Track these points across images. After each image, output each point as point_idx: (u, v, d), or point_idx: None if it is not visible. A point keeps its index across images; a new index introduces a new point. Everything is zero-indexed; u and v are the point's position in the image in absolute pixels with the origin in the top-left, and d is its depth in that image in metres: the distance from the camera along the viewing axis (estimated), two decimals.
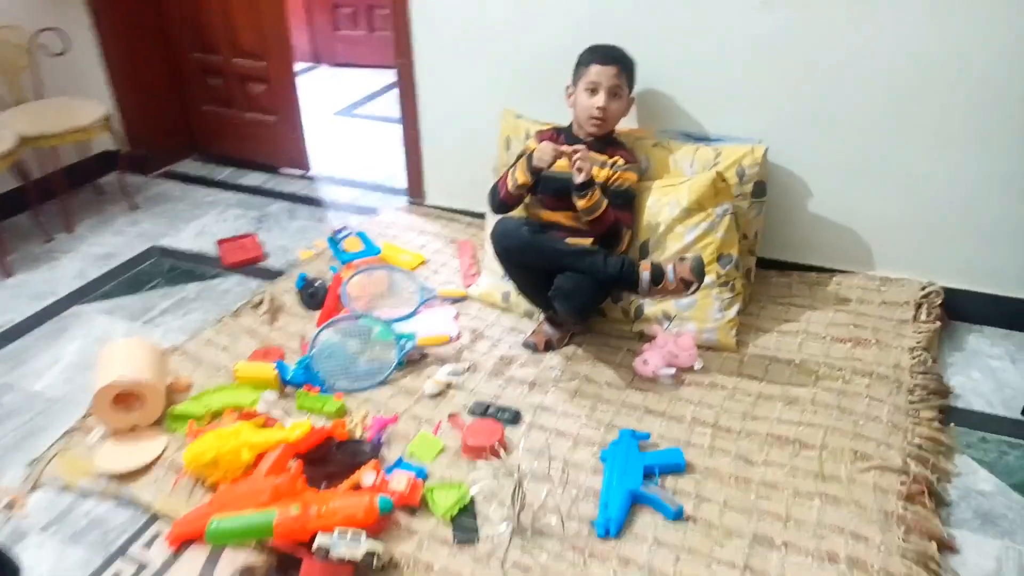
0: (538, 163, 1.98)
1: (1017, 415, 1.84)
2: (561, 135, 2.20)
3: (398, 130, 2.87)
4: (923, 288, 2.20)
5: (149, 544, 1.62)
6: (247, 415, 1.87)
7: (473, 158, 2.71)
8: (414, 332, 2.12)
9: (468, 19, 2.51)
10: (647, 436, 1.78)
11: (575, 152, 1.93)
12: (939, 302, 2.16)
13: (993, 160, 2.04)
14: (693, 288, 1.89)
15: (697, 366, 1.99)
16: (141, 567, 1.56)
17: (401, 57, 2.69)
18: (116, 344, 1.98)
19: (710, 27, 2.18)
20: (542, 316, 2.21)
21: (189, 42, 3.39)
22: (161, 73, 3.43)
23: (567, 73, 2.27)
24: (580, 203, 1.98)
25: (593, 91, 2.05)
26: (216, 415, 1.90)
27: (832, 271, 2.33)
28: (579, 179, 1.94)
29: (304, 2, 5.07)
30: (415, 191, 2.95)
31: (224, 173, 3.48)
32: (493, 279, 2.36)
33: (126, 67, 3.28)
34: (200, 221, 3.05)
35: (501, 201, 2.13)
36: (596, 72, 2.04)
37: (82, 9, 3.13)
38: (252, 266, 2.71)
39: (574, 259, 1.95)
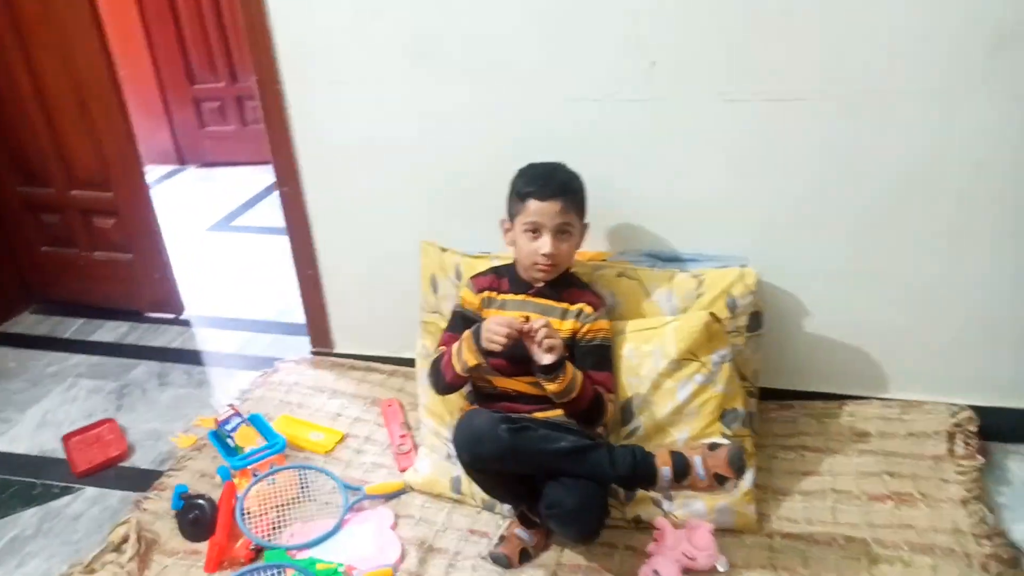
0: (489, 346, 1.51)
1: None
2: (503, 279, 1.74)
3: (287, 243, 2.33)
4: (953, 414, 1.86)
5: None
6: None
7: (386, 294, 2.22)
8: (342, 569, 1.58)
9: (367, 136, 2.04)
10: None
11: (536, 329, 1.48)
12: (974, 429, 1.83)
13: (1011, 257, 1.75)
14: (730, 485, 1.48)
15: (722, 567, 1.54)
16: None
17: (285, 184, 2.18)
18: None
19: (670, 128, 1.80)
20: (508, 509, 1.72)
21: (11, 175, 2.75)
22: None
23: (496, 191, 1.83)
24: (551, 387, 1.53)
25: (535, 233, 1.61)
26: None
27: (840, 397, 1.97)
28: (547, 360, 1.49)
29: (161, 97, 4.45)
30: (319, 339, 2.40)
31: (73, 327, 2.82)
32: (436, 459, 1.86)
33: None
34: (41, 405, 2.37)
35: (447, 385, 1.66)
36: (536, 210, 1.59)
37: None
38: (113, 468, 2.08)
39: (573, 462, 1.48)
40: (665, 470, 1.49)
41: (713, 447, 1.48)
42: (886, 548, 1.57)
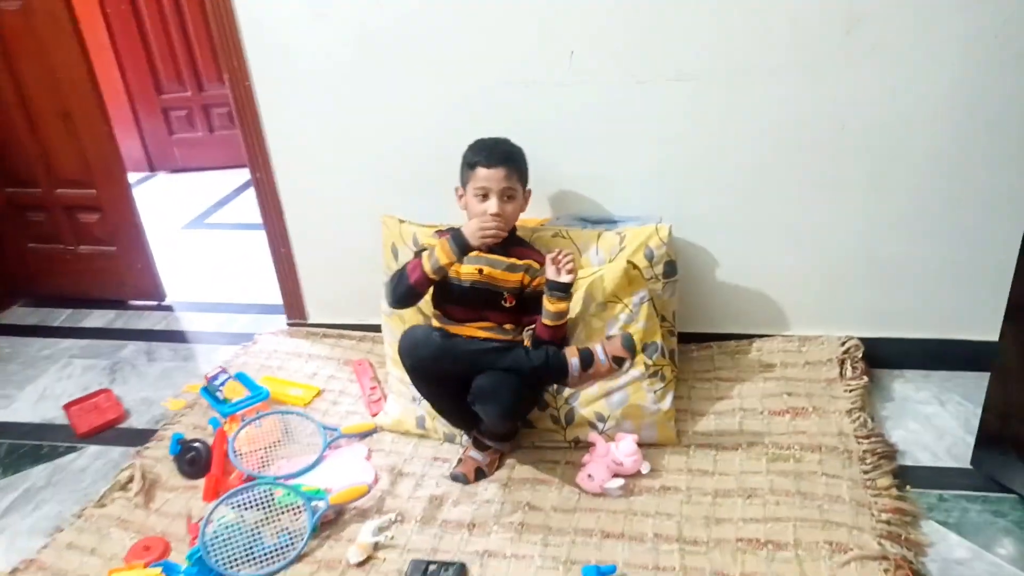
0: (481, 241, 1.84)
1: (965, 464, 1.82)
2: (462, 236, 2.02)
3: (260, 237, 2.59)
4: (842, 343, 2.18)
5: None
6: None
7: (354, 268, 2.47)
8: (324, 488, 1.84)
9: (327, 124, 2.30)
10: (613, 569, 1.59)
11: (565, 254, 1.80)
12: (860, 355, 2.15)
13: (883, 203, 2.07)
14: (627, 365, 1.80)
15: (644, 470, 1.84)
16: None
17: (258, 170, 2.43)
18: None
19: (591, 104, 2.10)
20: (466, 439, 2.00)
21: None
22: None
23: (446, 169, 2.11)
24: (560, 306, 1.82)
25: (484, 196, 1.88)
26: None
27: (750, 336, 2.28)
28: (569, 278, 1.79)
29: (131, 108, 4.65)
30: (294, 311, 2.66)
31: (61, 317, 3.03)
32: (402, 403, 2.12)
33: None
34: (38, 383, 2.59)
35: (409, 287, 1.88)
36: (484, 176, 1.87)
37: None
38: (112, 430, 2.30)
39: (495, 356, 1.78)
40: (574, 360, 1.78)
41: (609, 337, 1.80)
42: (782, 449, 1.87)
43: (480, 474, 1.91)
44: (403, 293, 1.92)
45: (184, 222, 3.95)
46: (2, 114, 2.83)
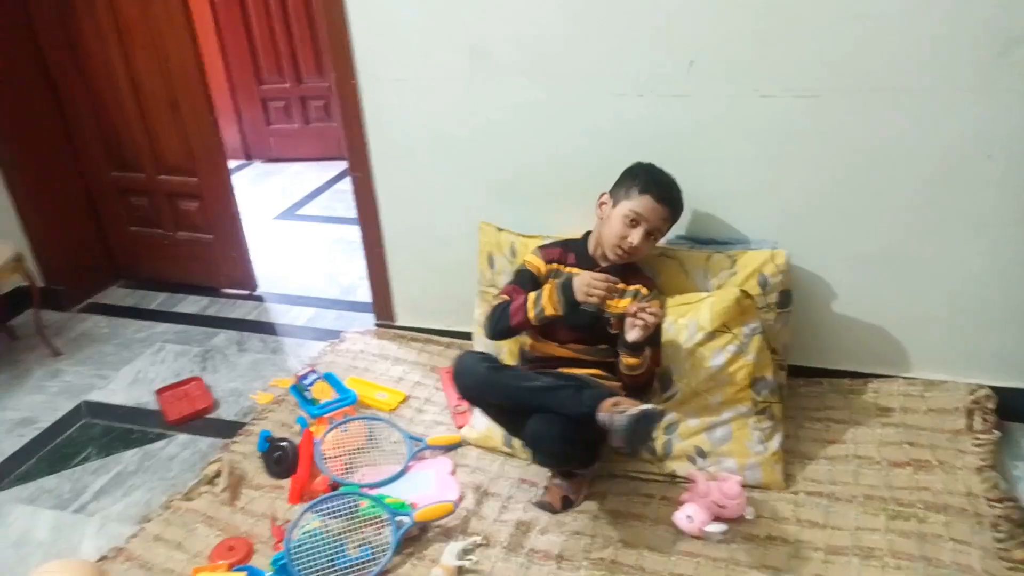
0: (585, 299, 1.69)
1: None
2: (571, 253, 1.93)
3: (348, 231, 2.58)
4: (971, 392, 1.99)
5: None
6: None
7: (447, 273, 2.43)
8: (409, 503, 1.79)
9: (431, 129, 2.25)
10: None
11: (641, 307, 1.66)
12: (992, 406, 1.96)
13: None
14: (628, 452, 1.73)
15: (748, 515, 1.71)
16: None
17: (357, 170, 2.40)
18: (47, 570, 1.57)
19: (708, 117, 1.97)
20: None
21: (105, 161, 3.04)
22: (75, 197, 3.06)
23: (549, 179, 2.04)
24: (631, 361, 1.73)
25: (633, 223, 1.79)
26: None
27: (866, 376, 2.11)
28: (636, 336, 1.67)
29: (232, 97, 4.76)
30: (383, 312, 2.63)
31: (157, 300, 3.10)
32: (489, 418, 2.06)
33: (34, 194, 2.90)
34: (133, 365, 2.64)
35: (509, 328, 1.83)
36: (646, 206, 1.79)
37: None
38: (201, 419, 2.32)
39: (542, 397, 1.67)
40: (602, 417, 1.59)
41: (623, 412, 1.55)
42: (903, 506, 1.71)
43: (567, 503, 1.82)
44: (503, 331, 1.87)
45: (276, 212, 4.00)
46: (115, 101, 2.91)
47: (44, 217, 2.94)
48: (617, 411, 1.55)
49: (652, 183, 1.82)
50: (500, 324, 1.86)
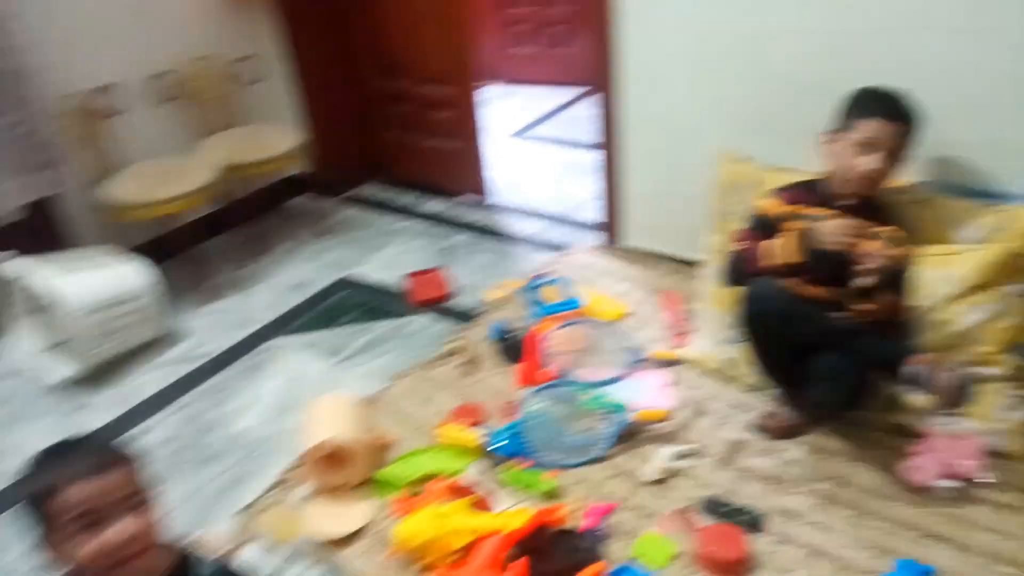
0: (832, 247, 1.64)
1: None
2: (812, 193, 1.85)
3: (578, 155, 2.66)
4: None
5: None
6: (454, 488, 1.73)
7: (682, 199, 2.45)
8: (626, 404, 1.90)
9: (684, 45, 2.26)
10: (932, 571, 1.46)
11: (878, 253, 1.59)
12: None
13: None
14: (948, 408, 1.56)
15: (983, 479, 1.64)
16: None
17: (605, 86, 2.48)
18: (325, 402, 1.89)
19: (988, 58, 1.81)
20: (777, 393, 1.93)
21: (375, 68, 3.37)
22: (348, 101, 3.43)
23: (798, 113, 1.97)
24: (863, 307, 1.68)
25: (867, 149, 1.68)
26: (422, 481, 1.77)
27: None
28: (868, 282, 1.61)
29: (477, 19, 5.00)
30: (612, 230, 2.74)
31: (406, 199, 3.43)
32: (712, 341, 2.11)
33: (315, 93, 3.29)
34: (386, 251, 2.99)
35: (748, 276, 1.80)
36: (876, 128, 1.66)
37: (274, 38, 3.15)
38: (440, 305, 2.59)
39: (846, 338, 1.65)
40: (913, 369, 1.56)
41: (951, 371, 1.53)
42: None
43: (787, 433, 1.84)
44: (740, 279, 1.84)
45: (511, 131, 4.22)
46: (388, 16, 3.20)
47: (323, 117, 3.33)
48: (939, 368, 1.54)
49: (875, 103, 1.69)
50: (736, 271, 1.85)
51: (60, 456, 1.09)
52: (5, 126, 2.17)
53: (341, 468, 1.77)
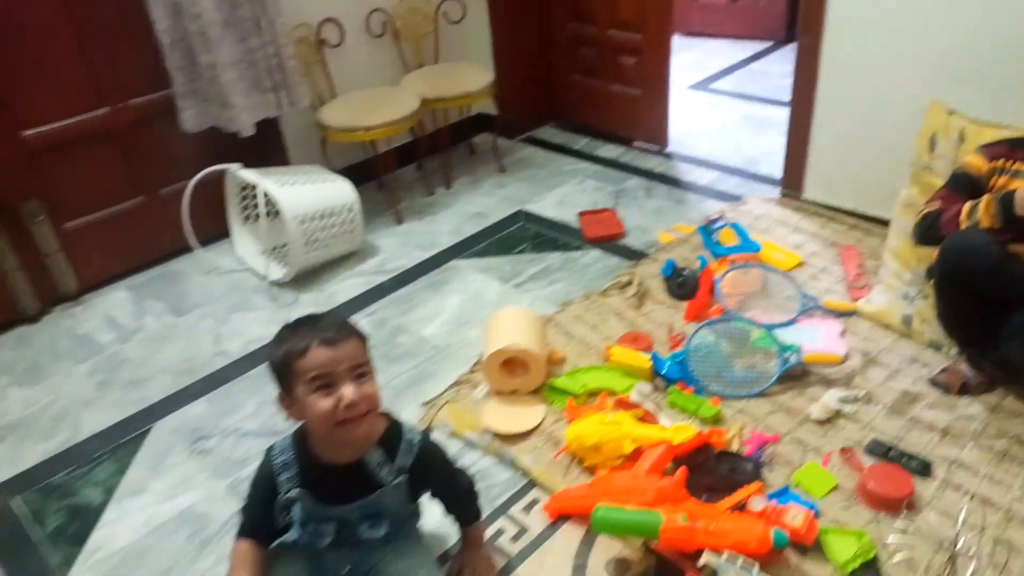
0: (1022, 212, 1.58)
1: None
2: (1019, 151, 1.76)
3: (758, 109, 2.64)
4: None
5: (528, 509, 1.66)
6: (621, 402, 1.85)
7: (872, 152, 2.39)
8: (798, 345, 1.93)
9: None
10: None
11: None
12: None
13: None
14: None
15: None
16: (522, 530, 1.61)
17: (806, 34, 2.44)
18: (507, 311, 2.07)
19: None
20: (955, 352, 1.89)
21: (567, 12, 3.45)
22: (536, 41, 3.54)
23: (1013, 64, 1.86)
24: None
25: None
26: (591, 395, 1.91)
27: None
28: None
29: None
30: (792, 181, 2.70)
31: (581, 143, 3.53)
32: (891, 296, 2.07)
33: (507, 35, 3.43)
34: (560, 190, 3.12)
35: (940, 239, 1.75)
36: None
37: None
38: (612, 242, 2.70)
39: None
40: None
41: None
42: None
43: (965, 389, 1.80)
44: (933, 240, 1.79)
45: (691, 82, 4.18)
46: None
47: (510, 58, 3.48)
48: None
49: None
50: (930, 233, 1.80)
51: (305, 326, 1.29)
52: (252, 48, 2.49)
53: (517, 374, 1.94)
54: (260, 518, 1.39)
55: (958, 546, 1.43)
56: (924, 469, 1.61)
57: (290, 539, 1.37)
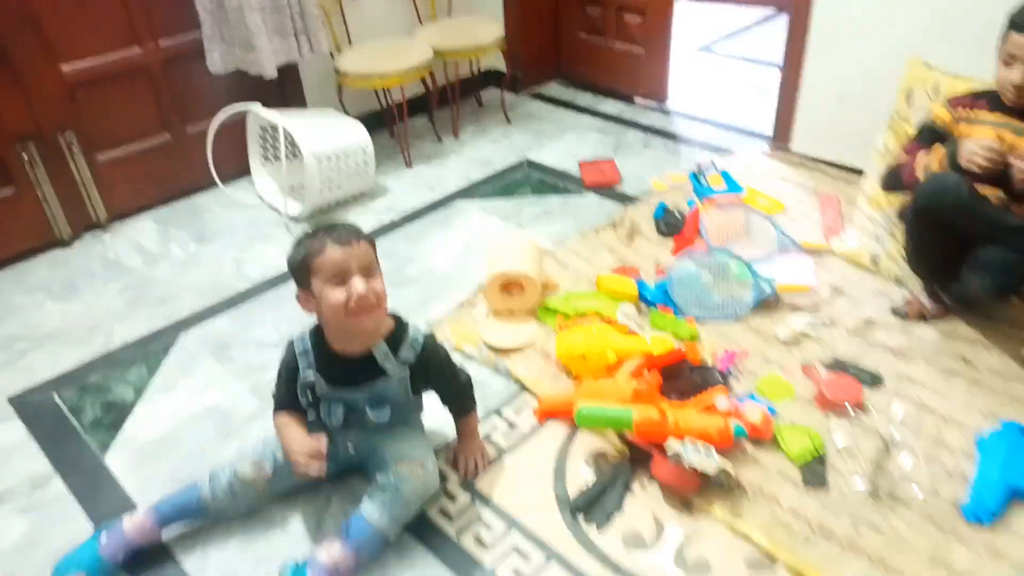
0: (968, 166, 1.73)
1: None
2: (981, 100, 1.91)
3: (758, 72, 2.78)
4: None
5: (519, 411, 1.85)
6: (608, 322, 2.03)
7: (857, 106, 2.54)
8: (773, 276, 2.10)
9: None
10: None
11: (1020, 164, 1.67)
12: None
13: None
14: None
15: None
16: (512, 427, 1.80)
17: None
18: (508, 238, 2.25)
19: None
20: (918, 286, 2.05)
21: None
22: (544, 1, 3.67)
23: (983, 23, 2.00)
24: (1021, 210, 1.76)
25: (1012, 61, 1.74)
26: (580, 316, 2.09)
27: None
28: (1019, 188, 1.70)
29: None
30: (780, 135, 2.86)
31: (585, 99, 3.68)
32: (863, 237, 2.24)
33: None
34: (562, 141, 3.28)
35: (902, 188, 1.94)
36: (1014, 43, 1.72)
37: None
38: (609, 189, 2.86)
39: (1014, 234, 1.73)
40: None
41: None
42: None
43: (922, 318, 1.98)
44: (895, 188, 1.99)
45: (697, 44, 4.31)
46: None
47: (520, 14, 3.61)
48: None
49: (1016, 17, 1.72)
50: (893, 183, 1.99)
51: (321, 231, 1.46)
52: None
53: (514, 295, 2.12)
54: (287, 397, 1.58)
55: (896, 440, 1.61)
56: (875, 381, 1.80)
57: (310, 418, 1.57)
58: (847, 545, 1.44)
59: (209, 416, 1.92)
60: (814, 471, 1.59)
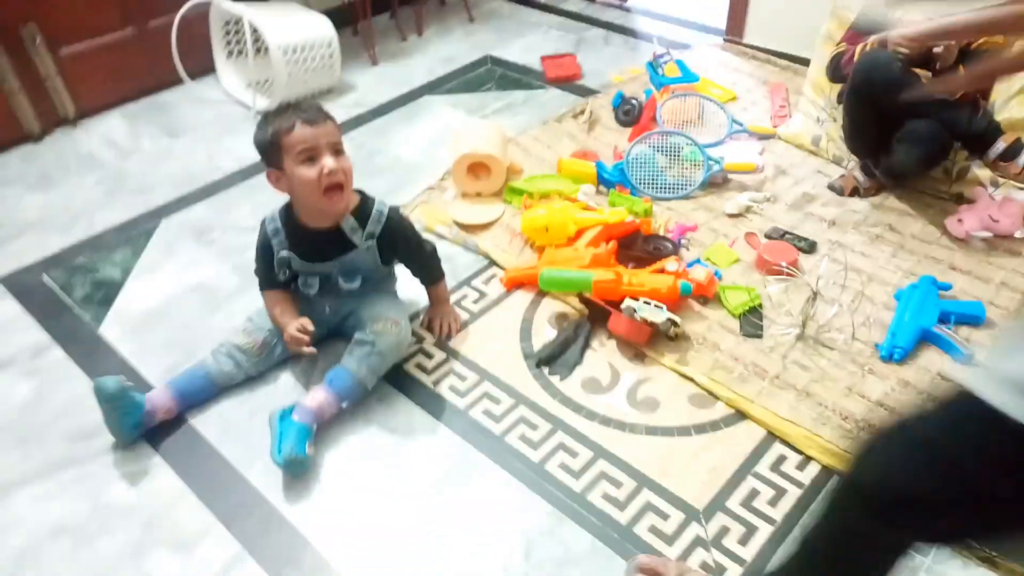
0: (894, 48, 1.88)
1: None
2: None
3: None
4: None
5: (487, 282, 2.01)
6: (569, 200, 2.17)
7: None
8: (722, 157, 2.25)
9: None
10: (949, 287, 1.80)
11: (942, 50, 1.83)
12: None
13: None
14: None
15: (1019, 234, 1.92)
16: (482, 295, 1.96)
17: None
18: (473, 123, 2.35)
19: None
20: (853, 163, 2.22)
21: None
22: None
23: None
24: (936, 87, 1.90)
25: None
26: (543, 196, 2.23)
27: None
28: (945, 63, 1.86)
29: None
30: (734, 28, 2.96)
31: None
32: (806, 121, 2.39)
33: None
34: (526, 38, 3.33)
35: (842, 76, 2.10)
36: None
37: None
38: (570, 83, 2.95)
39: (940, 108, 1.89)
40: (1000, 145, 1.85)
41: None
42: None
43: (855, 192, 2.16)
44: (838, 78, 2.13)
45: None
46: None
47: None
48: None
49: None
50: (836, 72, 2.14)
51: (288, 109, 1.54)
52: None
53: (480, 177, 2.24)
54: (268, 273, 1.71)
55: (824, 295, 1.81)
56: (810, 247, 1.98)
57: (292, 289, 1.71)
58: (777, 381, 1.65)
59: (195, 292, 2.03)
60: (751, 321, 1.79)
